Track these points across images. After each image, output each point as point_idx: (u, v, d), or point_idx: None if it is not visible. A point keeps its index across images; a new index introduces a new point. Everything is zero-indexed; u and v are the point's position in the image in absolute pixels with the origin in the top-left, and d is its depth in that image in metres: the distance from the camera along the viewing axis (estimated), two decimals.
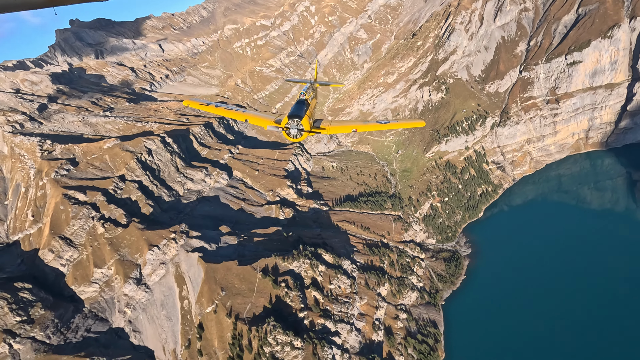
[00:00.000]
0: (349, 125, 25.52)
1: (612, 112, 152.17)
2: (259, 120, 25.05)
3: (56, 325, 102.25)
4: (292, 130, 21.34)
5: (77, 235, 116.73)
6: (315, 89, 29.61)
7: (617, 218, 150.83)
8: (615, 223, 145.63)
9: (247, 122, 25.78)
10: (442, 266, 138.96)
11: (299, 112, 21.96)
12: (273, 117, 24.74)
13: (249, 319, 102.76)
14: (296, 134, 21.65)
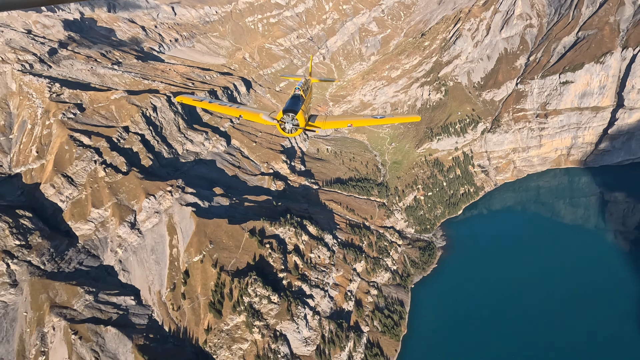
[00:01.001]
0: (344, 121, 25.51)
1: (594, 133, 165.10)
2: (252, 116, 25.08)
3: (51, 254, 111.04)
4: (287, 125, 21.26)
5: (78, 175, 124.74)
6: (310, 84, 29.40)
7: (586, 234, 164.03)
8: (583, 239, 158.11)
9: (240, 117, 25.76)
10: (416, 253, 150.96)
11: (294, 107, 21.84)
12: (267, 113, 24.58)
13: (232, 272, 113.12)
14: (291, 129, 21.51)
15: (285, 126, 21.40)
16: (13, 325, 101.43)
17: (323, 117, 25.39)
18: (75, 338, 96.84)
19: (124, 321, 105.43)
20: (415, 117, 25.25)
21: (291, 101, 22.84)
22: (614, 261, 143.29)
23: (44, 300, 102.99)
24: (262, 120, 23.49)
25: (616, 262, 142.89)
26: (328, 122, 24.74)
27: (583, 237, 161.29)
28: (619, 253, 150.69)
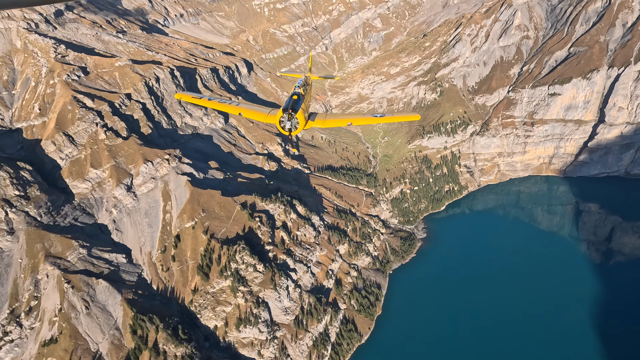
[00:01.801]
0: (344, 119, 25.57)
1: (575, 145, 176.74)
2: (252, 114, 25.15)
3: (48, 207, 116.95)
4: (287, 124, 21.41)
5: (79, 135, 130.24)
6: (310, 82, 29.80)
7: (559, 241, 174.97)
8: (556, 245, 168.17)
9: (240, 115, 25.90)
10: (397, 242, 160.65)
11: (294, 105, 21.98)
12: (267, 111, 24.69)
13: (222, 240, 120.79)
14: (291, 128, 21.60)
15: (285, 125, 21.40)
16: (7, 270, 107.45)
17: (323, 116, 25.30)
18: (68, 287, 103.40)
19: (115, 276, 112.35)
20: (415, 116, 24.94)
21: (291, 99, 22.62)
22: (581, 269, 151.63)
23: (39, 249, 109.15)
24: (262, 118, 23.94)
25: (583, 271, 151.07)
26: (328, 120, 24.77)
27: (556, 243, 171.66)
28: (587, 262, 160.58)
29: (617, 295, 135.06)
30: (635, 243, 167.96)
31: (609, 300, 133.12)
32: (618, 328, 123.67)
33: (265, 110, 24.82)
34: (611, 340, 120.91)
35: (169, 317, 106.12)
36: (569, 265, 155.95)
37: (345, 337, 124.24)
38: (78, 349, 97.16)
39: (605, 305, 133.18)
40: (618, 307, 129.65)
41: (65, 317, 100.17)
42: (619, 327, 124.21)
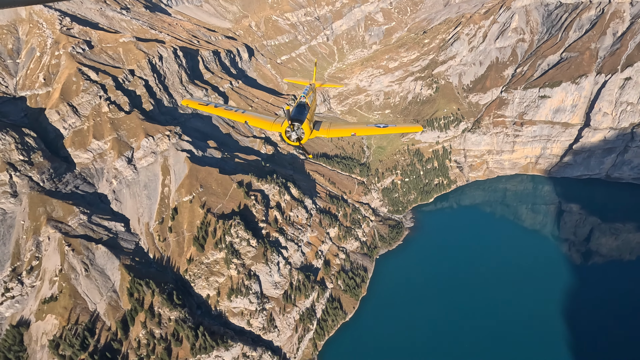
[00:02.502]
0: (348, 129, 25.92)
1: (561, 147, 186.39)
2: (259, 122, 25.30)
3: (50, 174, 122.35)
4: (292, 134, 21.61)
5: (83, 107, 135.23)
6: (315, 90, 30.25)
7: (540, 239, 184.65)
8: (537, 243, 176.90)
9: (247, 123, 25.71)
10: (385, 230, 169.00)
11: (300, 116, 22.15)
12: (272, 119, 25.09)
13: (218, 214, 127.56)
14: (297, 139, 21.82)
15: (290, 135, 21.74)
16: (10, 231, 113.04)
17: (327, 125, 25.55)
18: (68, 249, 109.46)
19: (113, 243, 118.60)
20: (417, 128, 25.51)
21: (297, 110, 23.01)
22: (560, 267, 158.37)
23: (41, 213, 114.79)
24: (268, 126, 24.25)
25: (562, 269, 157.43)
26: (332, 130, 24.98)
27: (538, 241, 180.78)
28: (566, 261, 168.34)
29: (592, 294, 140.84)
30: (612, 244, 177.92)
31: (584, 300, 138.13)
32: (591, 324, 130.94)
33: (270, 118, 25.23)
34: (582, 334, 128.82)
35: (165, 283, 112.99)
36: (548, 263, 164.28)
37: (330, 314, 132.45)
38: (77, 307, 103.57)
39: (579, 303, 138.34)
40: (592, 306, 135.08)
41: (65, 277, 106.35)
42: (591, 323, 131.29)
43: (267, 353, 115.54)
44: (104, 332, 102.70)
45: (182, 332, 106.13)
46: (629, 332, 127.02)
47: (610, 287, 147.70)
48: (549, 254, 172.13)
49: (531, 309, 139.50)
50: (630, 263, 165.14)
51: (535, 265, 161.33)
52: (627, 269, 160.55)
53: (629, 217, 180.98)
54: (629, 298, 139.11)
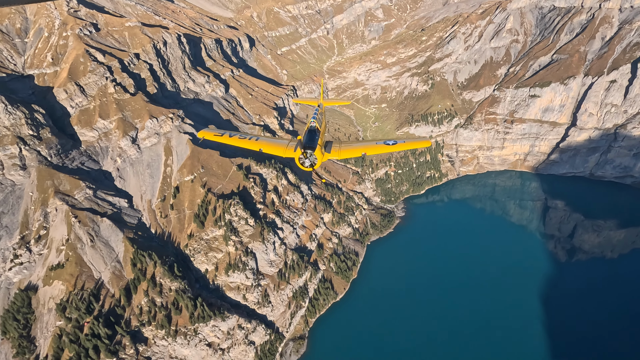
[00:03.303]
0: (358, 149, 26.33)
1: (548, 145, 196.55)
2: (272, 149, 25.93)
3: (58, 149, 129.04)
4: (306, 161, 22.49)
5: (90, 87, 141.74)
6: (324, 111, 30.59)
7: (526, 235, 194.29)
8: (523, 238, 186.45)
9: (260, 150, 26.17)
10: (377, 218, 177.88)
11: (311, 143, 22.82)
12: (285, 143, 25.76)
13: (218, 194, 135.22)
14: (310, 164, 22.64)
15: (304, 162, 22.64)
16: (19, 202, 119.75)
17: (338, 145, 26.17)
18: (75, 221, 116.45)
19: (117, 217, 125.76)
20: (426, 143, 25.73)
21: (308, 136, 23.51)
22: (543, 263, 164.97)
23: (49, 185, 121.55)
24: (281, 152, 25.14)
25: (545, 264, 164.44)
26: (343, 151, 25.73)
27: (524, 236, 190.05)
28: (550, 256, 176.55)
29: (574, 288, 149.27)
30: (594, 241, 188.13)
31: (566, 293, 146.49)
32: (570, 315, 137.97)
33: (283, 142, 26.29)
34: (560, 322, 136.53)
35: (166, 256, 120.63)
36: (532, 257, 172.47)
37: (322, 294, 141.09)
38: (83, 275, 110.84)
39: (561, 296, 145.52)
40: (572, 300, 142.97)
41: (71, 246, 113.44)
42: (571, 314, 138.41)
43: (261, 326, 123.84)
44: (108, 298, 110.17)
45: (181, 301, 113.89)
46: (607, 323, 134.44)
47: (592, 282, 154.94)
48: (534, 248, 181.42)
49: (513, 295, 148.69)
50: (612, 261, 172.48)
51: (520, 258, 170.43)
52: (609, 265, 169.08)
53: (610, 214, 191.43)
54: (608, 293, 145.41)
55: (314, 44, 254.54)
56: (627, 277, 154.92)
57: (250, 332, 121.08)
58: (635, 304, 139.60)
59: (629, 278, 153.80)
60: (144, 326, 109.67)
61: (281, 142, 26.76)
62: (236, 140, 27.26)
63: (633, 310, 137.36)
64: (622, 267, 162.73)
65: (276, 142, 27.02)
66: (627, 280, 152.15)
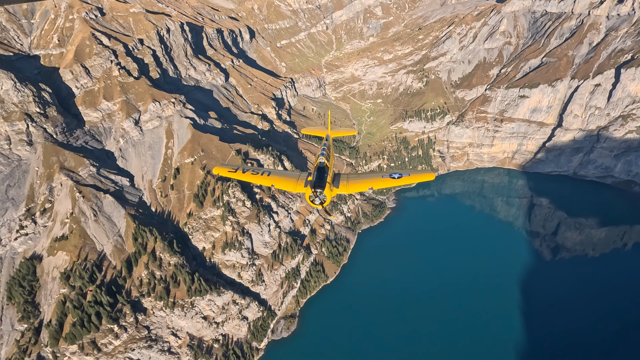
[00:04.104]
0: (365, 183, 27.01)
1: (535, 144, 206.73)
2: (284, 184, 27.16)
3: (63, 128, 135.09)
4: (316, 200, 23.74)
5: (95, 69, 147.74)
6: (331, 144, 31.70)
7: (512, 231, 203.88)
8: (509, 234, 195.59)
9: (273, 187, 27.82)
10: (369, 208, 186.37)
11: (321, 182, 24.10)
12: (295, 178, 27.26)
13: (217, 177, 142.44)
14: (320, 202, 23.77)
15: (314, 201, 23.82)
16: (25, 176, 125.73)
17: (345, 179, 27.17)
18: (79, 196, 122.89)
19: (119, 195, 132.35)
20: (429, 176, 26.39)
21: (318, 175, 24.72)
22: (527, 258, 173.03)
23: (54, 161, 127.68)
24: (292, 188, 26.63)
25: (529, 259, 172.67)
26: (350, 185, 26.71)
27: (509, 232, 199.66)
28: (534, 252, 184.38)
29: (556, 285, 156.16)
30: (576, 239, 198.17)
31: (546, 289, 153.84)
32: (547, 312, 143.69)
33: (294, 176, 27.59)
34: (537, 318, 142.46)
35: (166, 232, 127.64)
36: (517, 252, 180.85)
37: (313, 276, 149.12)
38: (86, 246, 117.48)
39: (541, 292, 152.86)
40: (555, 296, 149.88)
41: (75, 220, 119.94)
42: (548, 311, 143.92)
43: (255, 303, 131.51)
44: (110, 269, 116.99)
45: (180, 276, 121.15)
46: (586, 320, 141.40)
47: (573, 279, 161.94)
48: (519, 244, 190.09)
49: (495, 285, 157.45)
50: (594, 260, 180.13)
51: (504, 252, 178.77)
52: (590, 263, 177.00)
53: (592, 213, 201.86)
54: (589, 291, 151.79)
55: (313, 38, 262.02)
56: (608, 276, 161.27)
57: (244, 308, 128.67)
58: (614, 303, 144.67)
59: (610, 277, 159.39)
60: (144, 297, 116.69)
61: (292, 176, 27.92)
62: (249, 176, 28.25)
63: (612, 308, 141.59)
64: (603, 266, 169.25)
65: (287, 177, 27.99)
66: (608, 279, 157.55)
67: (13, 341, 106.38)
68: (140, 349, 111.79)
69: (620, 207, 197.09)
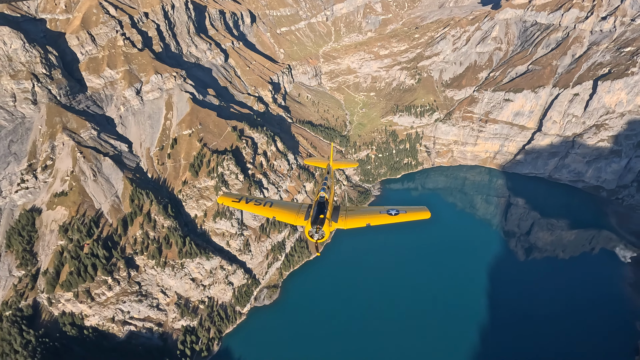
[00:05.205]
0: (363, 219, 28.12)
1: (516, 146, 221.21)
2: (285, 217, 28.01)
3: (67, 91, 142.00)
4: (315, 235, 24.78)
5: (100, 37, 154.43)
6: (333, 175, 32.28)
7: (488, 228, 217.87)
8: (485, 230, 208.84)
9: (274, 218, 28.51)
10: (355, 194, 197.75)
11: (320, 219, 25.18)
12: (296, 210, 28.33)
13: (213, 150, 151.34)
14: (319, 237, 24.85)
15: (313, 235, 24.63)
16: (28, 133, 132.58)
17: (344, 214, 28.15)
18: (80, 156, 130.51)
19: (118, 159, 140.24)
20: (426, 214, 27.42)
21: (317, 210, 25.60)
22: (501, 256, 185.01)
23: (57, 122, 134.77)
24: (292, 220, 27.49)
25: (502, 257, 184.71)
26: (348, 220, 27.65)
27: (486, 229, 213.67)
28: (507, 251, 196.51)
29: (527, 283, 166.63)
30: (547, 239, 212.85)
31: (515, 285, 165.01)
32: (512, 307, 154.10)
33: (294, 208, 28.59)
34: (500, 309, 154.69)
35: (161, 197, 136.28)
36: (491, 249, 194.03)
37: (297, 251, 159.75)
38: (84, 203, 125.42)
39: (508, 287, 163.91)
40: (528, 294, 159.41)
41: (75, 178, 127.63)
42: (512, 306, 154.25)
43: (241, 270, 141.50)
44: (107, 227, 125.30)
45: (172, 238, 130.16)
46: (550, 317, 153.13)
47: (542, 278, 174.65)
48: (494, 240, 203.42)
49: (465, 274, 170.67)
50: (563, 261, 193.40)
51: (478, 247, 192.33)
52: (558, 264, 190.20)
53: (563, 215, 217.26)
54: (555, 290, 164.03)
55: (312, 28, 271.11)
56: (574, 278, 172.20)
57: (230, 273, 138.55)
58: (575, 303, 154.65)
59: (576, 279, 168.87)
60: (137, 255, 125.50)
61: (292, 208, 28.77)
62: (252, 207, 29.06)
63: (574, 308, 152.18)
64: (571, 268, 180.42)
65: (288, 209, 28.74)
66: (575, 282, 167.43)
67: (11, 285, 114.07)
68: (131, 302, 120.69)
69: (589, 210, 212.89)
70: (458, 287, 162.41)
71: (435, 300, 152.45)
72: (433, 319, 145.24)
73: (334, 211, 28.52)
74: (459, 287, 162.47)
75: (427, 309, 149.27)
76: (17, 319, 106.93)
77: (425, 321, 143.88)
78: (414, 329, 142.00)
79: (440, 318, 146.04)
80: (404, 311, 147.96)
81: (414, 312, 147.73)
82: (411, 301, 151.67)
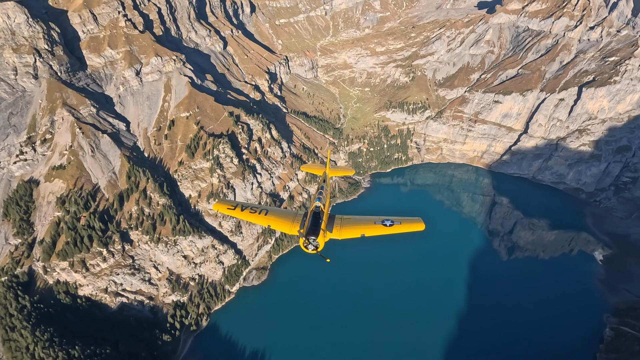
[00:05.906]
0: (358, 229, 28.30)
1: (503, 146, 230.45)
2: (280, 225, 28.18)
3: (67, 67, 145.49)
4: (310, 246, 24.85)
5: (102, 17, 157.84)
6: (329, 184, 32.57)
7: (473, 227, 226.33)
8: (469, 227, 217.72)
9: (269, 227, 28.62)
10: (345, 185, 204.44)
11: (315, 229, 25.44)
12: (292, 218, 28.55)
13: (209, 133, 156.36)
14: (313, 248, 24.93)
15: (308, 246, 24.89)
16: (28, 107, 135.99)
17: (339, 223, 28.23)
18: (79, 132, 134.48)
19: (116, 137, 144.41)
20: (420, 226, 28.16)
21: (312, 221, 26.02)
22: (483, 253, 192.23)
23: (57, 97, 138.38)
24: (288, 229, 27.81)
25: (484, 254, 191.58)
26: (343, 230, 27.82)
27: (470, 226, 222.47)
28: (490, 250, 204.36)
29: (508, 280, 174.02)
30: (528, 238, 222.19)
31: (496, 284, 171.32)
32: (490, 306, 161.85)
33: (290, 216, 28.76)
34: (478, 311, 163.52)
35: (157, 175, 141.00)
36: (474, 246, 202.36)
37: (287, 236, 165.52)
38: (82, 177, 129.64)
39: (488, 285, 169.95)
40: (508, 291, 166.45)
41: (74, 152, 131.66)
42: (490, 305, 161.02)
43: (231, 250, 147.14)
44: (103, 201, 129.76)
45: (166, 215, 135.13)
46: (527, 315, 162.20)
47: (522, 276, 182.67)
48: (477, 238, 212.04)
49: (448, 272, 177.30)
50: (543, 261, 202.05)
51: (462, 244, 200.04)
52: (538, 263, 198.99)
53: (544, 215, 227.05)
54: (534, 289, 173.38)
55: (311, 22, 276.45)
56: (552, 273, 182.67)
57: (221, 253, 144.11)
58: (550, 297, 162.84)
59: (554, 279, 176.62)
60: (132, 230, 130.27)
61: (288, 216, 28.95)
62: (247, 215, 28.91)
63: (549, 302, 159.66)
64: (548, 264, 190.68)
65: (283, 217, 28.90)
66: (553, 281, 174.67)
67: (7, 253, 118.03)
68: (124, 274, 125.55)
69: (569, 211, 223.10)
70: (440, 284, 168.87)
71: (415, 292, 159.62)
72: (411, 311, 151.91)
73: (329, 221, 28.53)
74: (440, 284, 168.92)
75: (406, 301, 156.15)
76: (13, 284, 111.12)
77: (403, 310, 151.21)
78: (395, 316, 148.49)
79: (419, 312, 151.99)
80: (387, 299, 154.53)
81: (394, 301, 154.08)
82: (391, 294, 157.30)
